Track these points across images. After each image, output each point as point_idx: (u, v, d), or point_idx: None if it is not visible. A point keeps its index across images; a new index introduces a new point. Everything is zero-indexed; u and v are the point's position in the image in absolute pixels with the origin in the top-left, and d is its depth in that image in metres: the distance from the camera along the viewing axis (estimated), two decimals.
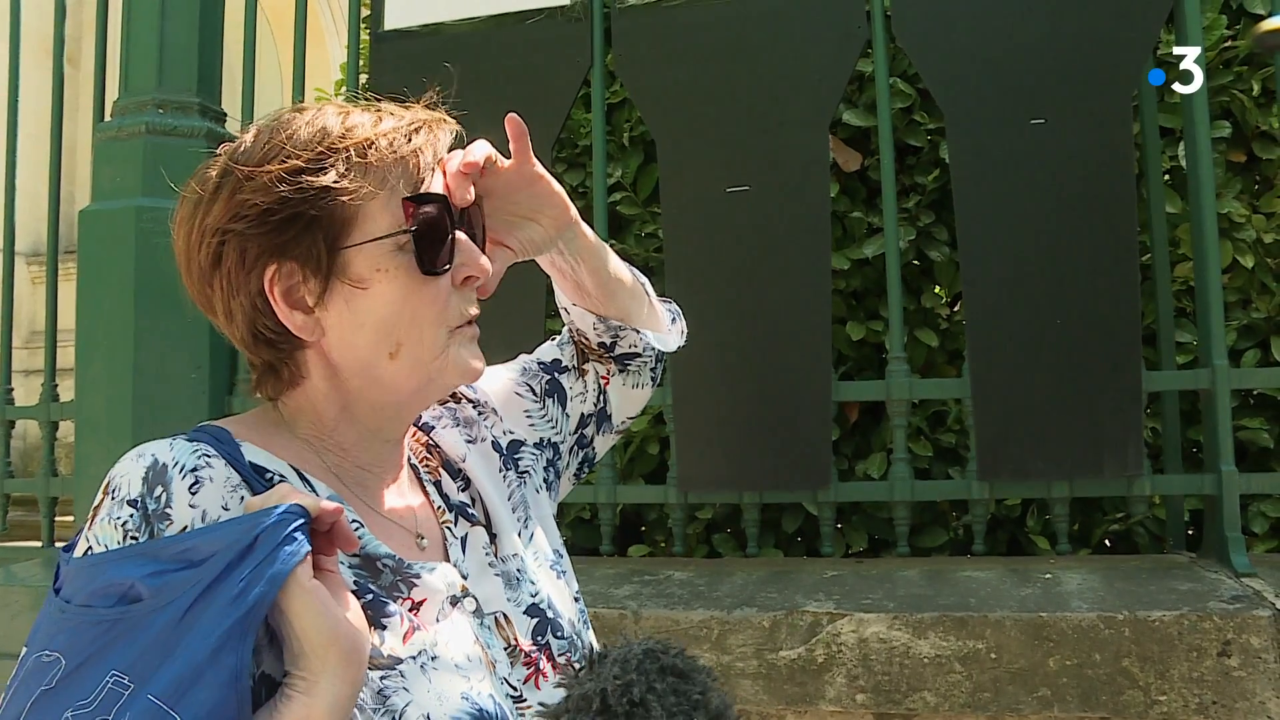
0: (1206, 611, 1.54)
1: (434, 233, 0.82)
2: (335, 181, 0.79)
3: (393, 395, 0.85)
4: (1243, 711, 1.50)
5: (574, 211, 0.98)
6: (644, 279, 1.12)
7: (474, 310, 0.87)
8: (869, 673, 1.61)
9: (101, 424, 2.17)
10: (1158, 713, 1.52)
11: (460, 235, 0.85)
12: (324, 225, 0.79)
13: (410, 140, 0.83)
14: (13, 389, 2.58)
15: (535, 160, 0.93)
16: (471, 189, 0.87)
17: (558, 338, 1.13)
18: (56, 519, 2.52)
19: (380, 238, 0.80)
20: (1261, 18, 2.04)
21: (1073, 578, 1.73)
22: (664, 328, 1.13)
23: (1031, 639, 1.57)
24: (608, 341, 1.07)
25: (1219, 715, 1.51)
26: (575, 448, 1.09)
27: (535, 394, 1.07)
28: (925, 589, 1.72)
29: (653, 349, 1.10)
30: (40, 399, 2.49)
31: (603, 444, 1.13)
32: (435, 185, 0.85)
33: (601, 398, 1.10)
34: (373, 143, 0.81)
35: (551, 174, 0.97)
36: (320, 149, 0.79)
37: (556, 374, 1.09)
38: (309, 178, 0.78)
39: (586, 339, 1.08)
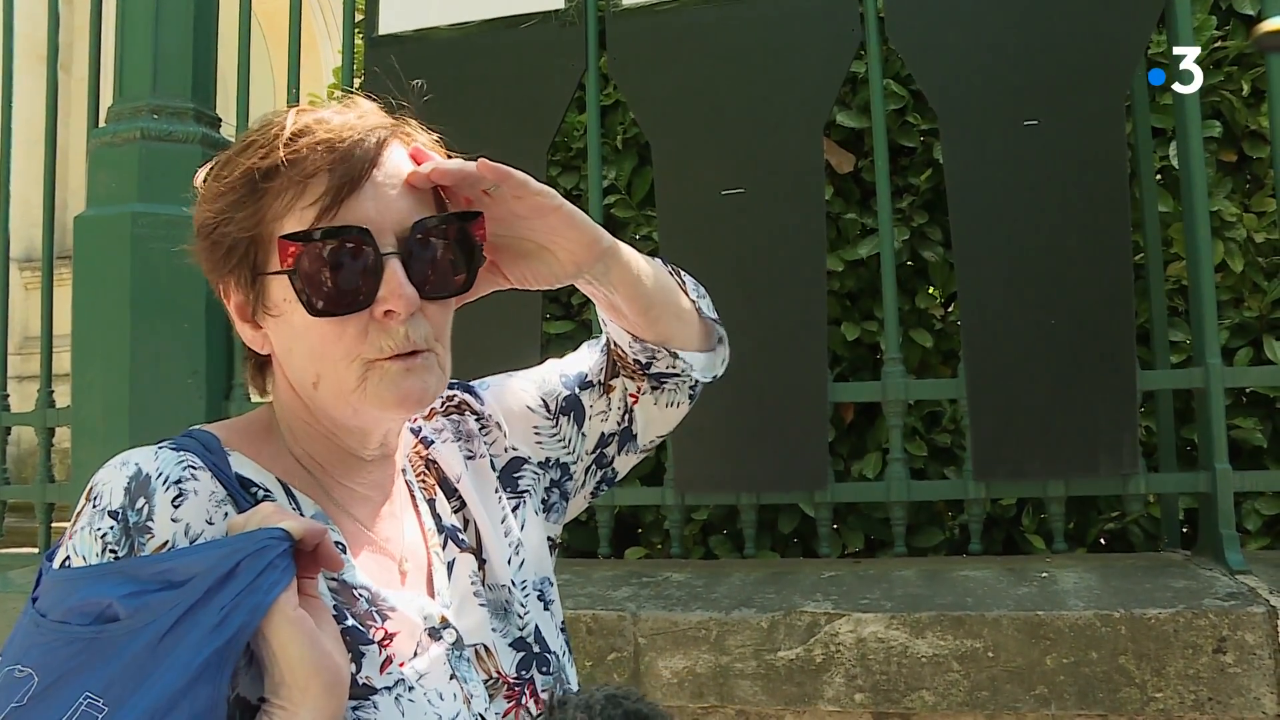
0: (1202, 609, 1.55)
1: (327, 271, 0.74)
2: (220, 214, 0.77)
3: (336, 422, 0.81)
4: (1238, 707, 1.51)
5: (604, 246, 0.88)
6: (702, 295, 1.03)
7: (399, 344, 0.76)
8: (867, 672, 1.62)
9: (99, 430, 2.17)
10: (1154, 709, 1.53)
11: (394, 266, 0.75)
12: (246, 248, 0.77)
13: (328, 155, 0.75)
14: (8, 395, 2.58)
15: (545, 192, 0.83)
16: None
17: (592, 343, 1.06)
18: (53, 525, 2.52)
19: (276, 272, 0.76)
20: (1251, 18, 2.05)
21: (1069, 576, 1.74)
22: (711, 345, 1.04)
23: (1029, 637, 1.58)
24: (644, 360, 0.98)
25: (1215, 711, 1.52)
26: (593, 467, 1.02)
27: (549, 411, 0.99)
28: (922, 588, 1.73)
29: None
30: (37, 405, 2.49)
31: (625, 463, 1.05)
32: (368, 203, 0.76)
33: (627, 417, 1.02)
34: (280, 164, 0.75)
35: (572, 201, 0.88)
36: (243, 167, 0.77)
37: (578, 390, 1.01)
38: (216, 203, 0.78)
39: (622, 352, 0.99)
